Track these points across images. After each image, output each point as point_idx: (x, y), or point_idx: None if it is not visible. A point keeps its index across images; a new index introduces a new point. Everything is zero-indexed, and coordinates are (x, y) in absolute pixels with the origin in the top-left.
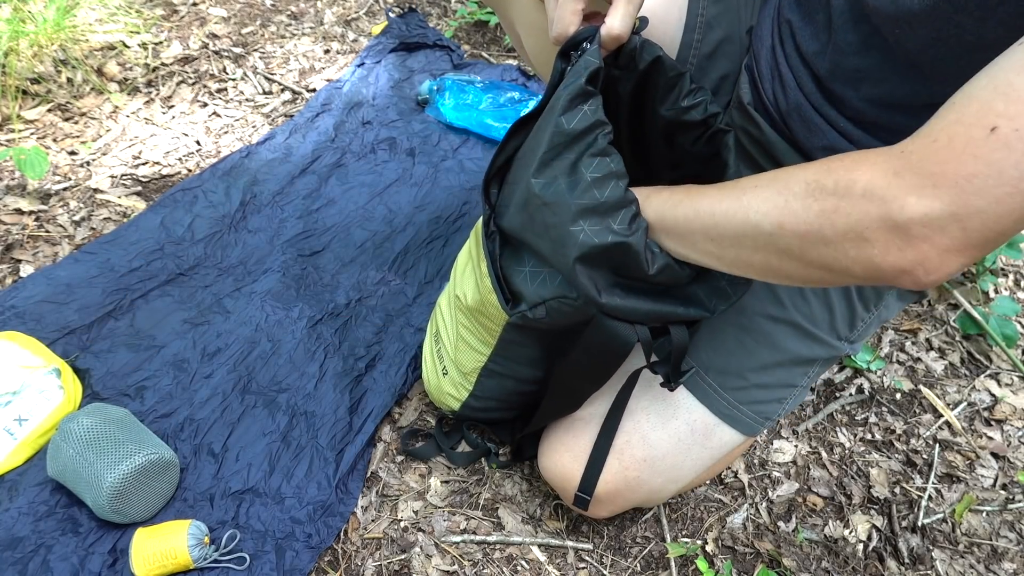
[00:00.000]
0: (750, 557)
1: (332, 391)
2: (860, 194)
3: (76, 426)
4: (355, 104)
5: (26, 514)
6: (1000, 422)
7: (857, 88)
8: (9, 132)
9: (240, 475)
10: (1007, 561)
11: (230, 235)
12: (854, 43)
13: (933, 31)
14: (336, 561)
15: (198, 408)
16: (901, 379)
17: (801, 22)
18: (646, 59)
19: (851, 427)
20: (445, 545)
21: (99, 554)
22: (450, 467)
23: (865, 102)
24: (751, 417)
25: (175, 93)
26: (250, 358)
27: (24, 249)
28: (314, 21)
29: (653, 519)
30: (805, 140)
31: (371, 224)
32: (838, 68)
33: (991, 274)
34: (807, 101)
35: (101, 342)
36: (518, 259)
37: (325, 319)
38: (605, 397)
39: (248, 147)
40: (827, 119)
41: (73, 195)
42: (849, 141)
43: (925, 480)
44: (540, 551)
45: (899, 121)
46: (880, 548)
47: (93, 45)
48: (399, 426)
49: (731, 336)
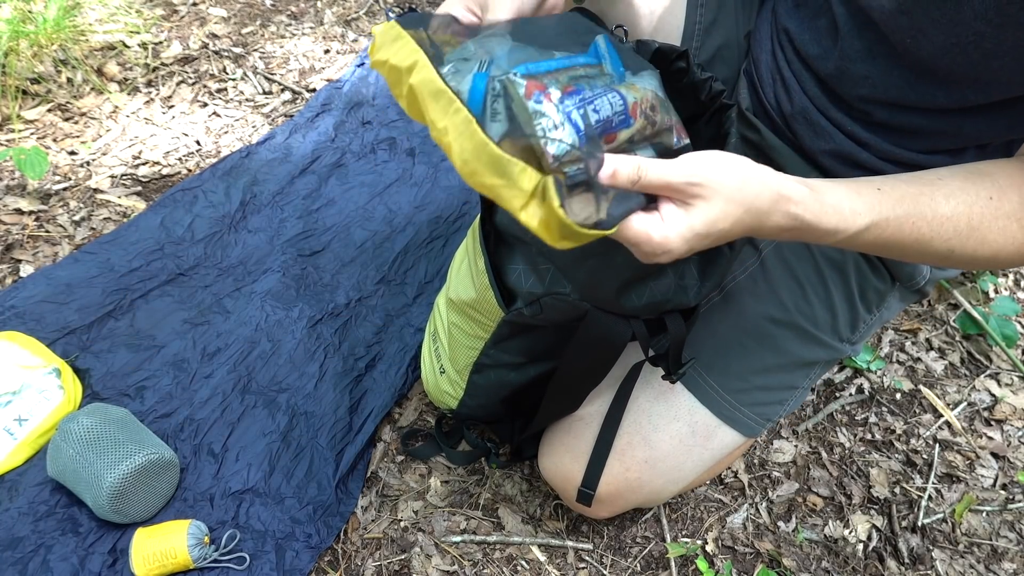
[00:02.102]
0: (750, 557)
1: (332, 391)
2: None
3: (76, 426)
4: (355, 104)
5: (26, 514)
6: (1000, 422)
7: (865, 92)
8: (9, 132)
9: (240, 475)
10: (1007, 561)
11: (230, 235)
12: (860, 49)
13: (953, 37)
14: (336, 561)
15: (198, 408)
16: (901, 379)
17: (800, 27)
18: (645, 56)
19: (851, 427)
20: (445, 545)
21: (99, 554)
22: (450, 467)
23: (874, 105)
24: (752, 418)
25: (175, 93)
26: (250, 358)
27: (24, 249)
28: (314, 21)
29: (653, 519)
30: (810, 144)
31: (371, 224)
32: (844, 73)
33: (991, 274)
34: (812, 105)
35: (101, 342)
36: (511, 257)
37: (325, 319)
38: (604, 396)
39: (248, 147)
40: (834, 122)
41: (73, 195)
42: (857, 143)
43: (925, 480)
44: (540, 551)
45: (910, 122)
46: (880, 548)
47: (93, 45)
48: (399, 426)
49: (733, 338)
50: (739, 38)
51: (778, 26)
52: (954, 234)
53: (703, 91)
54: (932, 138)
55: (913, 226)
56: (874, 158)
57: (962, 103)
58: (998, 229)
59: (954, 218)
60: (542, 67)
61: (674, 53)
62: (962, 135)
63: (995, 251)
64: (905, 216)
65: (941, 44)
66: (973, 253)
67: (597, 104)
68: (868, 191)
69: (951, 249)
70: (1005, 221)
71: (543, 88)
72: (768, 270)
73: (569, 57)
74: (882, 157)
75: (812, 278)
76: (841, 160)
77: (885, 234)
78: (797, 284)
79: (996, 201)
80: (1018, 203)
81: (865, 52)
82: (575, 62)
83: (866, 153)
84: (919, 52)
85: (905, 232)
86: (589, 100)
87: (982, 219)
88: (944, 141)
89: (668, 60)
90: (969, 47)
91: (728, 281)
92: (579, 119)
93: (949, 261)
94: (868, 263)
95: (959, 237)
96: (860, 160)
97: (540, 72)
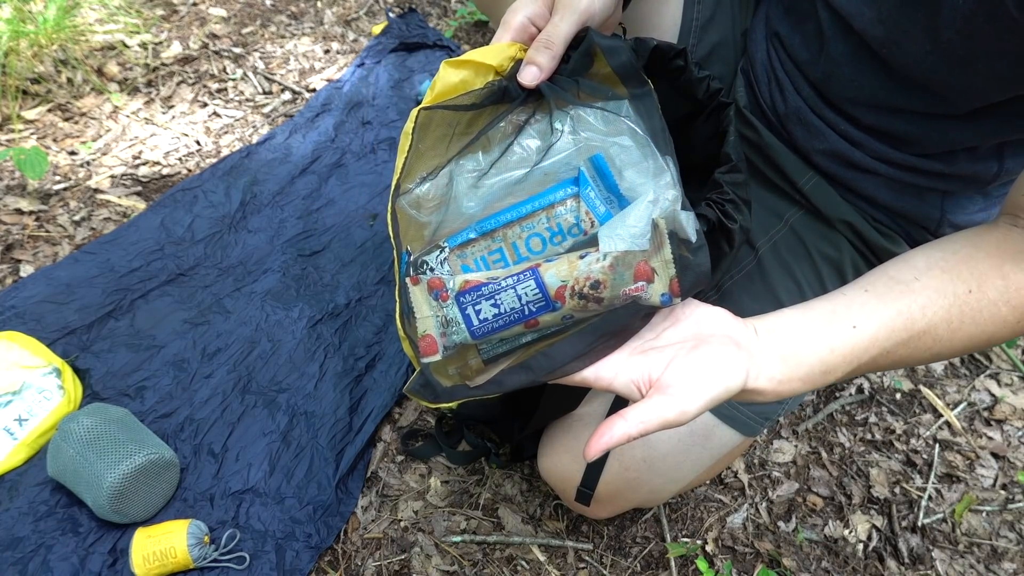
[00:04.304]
0: (750, 557)
1: (332, 391)
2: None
3: (76, 426)
4: (355, 104)
5: (26, 514)
6: (1000, 422)
7: (853, 94)
8: (9, 132)
9: (240, 475)
10: (1007, 561)
11: (230, 235)
12: (846, 53)
13: (927, 45)
14: (336, 561)
15: (198, 408)
16: (901, 379)
17: (790, 31)
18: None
19: (851, 427)
20: (445, 545)
21: (99, 554)
22: (450, 467)
23: (862, 108)
24: (751, 417)
25: (175, 93)
26: (250, 358)
27: (24, 249)
28: (314, 21)
29: (653, 519)
30: (805, 143)
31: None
32: (832, 77)
33: None
34: (806, 105)
35: (101, 342)
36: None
37: (325, 319)
38: (604, 396)
39: (248, 147)
40: (827, 122)
41: (73, 195)
42: (851, 143)
43: (925, 480)
44: (540, 551)
45: (896, 127)
46: (880, 548)
47: (93, 45)
48: (399, 426)
49: None
50: (736, 36)
51: (771, 29)
52: (934, 343)
53: (701, 89)
54: (920, 143)
55: (889, 355)
56: (867, 158)
57: (946, 110)
58: (985, 319)
59: (931, 330)
60: (487, 225)
61: (672, 51)
62: (948, 140)
63: (988, 336)
64: (880, 353)
65: (916, 53)
66: (964, 346)
67: (499, 299)
68: (841, 338)
69: (937, 354)
70: (992, 308)
71: (441, 286)
72: (765, 269)
73: (536, 197)
74: (875, 157)
75: (809, 277)
76: (835, 159)
77: (861, 370)
78: (794, 283)
79: (976, 293)
80: (1002, 286)
81: (851, 55)
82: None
83: (859, 152)
84: (899, 60)
85: (881, 364)
86: (489, 296)
87: (962, 318)
88: (932, 145)
89: (666, 58)
90: (943, 56)
91: (725, 280)
92: (473, 315)
93: (940, 359)
94: (865, 262)
95: (940, 344)
96: (854, 160)
97: (477, 235)
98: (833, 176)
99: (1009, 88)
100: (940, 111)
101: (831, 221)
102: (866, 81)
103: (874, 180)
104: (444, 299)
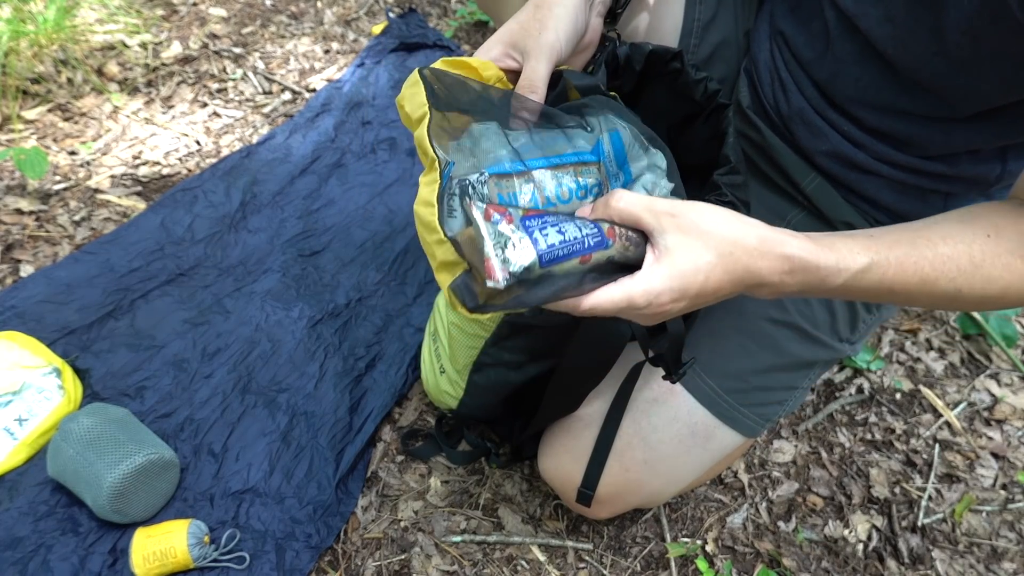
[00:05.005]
0: (750, 557)
1: (332, 391)
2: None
3: (76, 426)
4: (355, 104)
5: (26, 514)
6: (1000, 422)
7: (857, 95)
8: (9, 132)
9: (240, 475)
10: (1007, 561)
11: (230, 235)
12: (852, 52)
13: (933, 46)
14: (336, 561)
15: (198, 408)
16: (901, 379)
17: (795, 30)
18: (639, 59)
19: (851, 427)
20: (445, 545)
21: (99, 554)
22: (450, 467)
23: (866, 109)
24: (751, 419)
25: (175, 93)
26: (250, 358)
27: (24, 249)
28: (314, 21)
29: (653, 519)
30: (808, 144)
31: (371, 224)
32: (837, 76)
33: None
34: (809, 105)
35: (101, 342)
36: None
37: (325, 319)
38: (604, 396)
39: (248, 147)
40: (830, 123)
41: (73, 195)
42: (854, 145)
43: (925, 480)
44: (540, 551)
45: (901, 129)
46: (880, 548)
47: (93, 45)
48: (399, 426)
49: (732, 339)
50: (738, 36)
51: (775, 28)
52: (958, 272)
53: (699, 91)
54: (923, 145)
55: (915, 265)
56: (870, 159)
57: (950, 113)
58: (1002, 266)
59: (955, 257)
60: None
61: (668, 54)
62: (951, 142)
63: (1003, 288)
64: (905, 256)
65: (922, 53)
66: (983, 292)
67: (563, 227)
68: (859, 235)
69: (958, 288)
70: (1008, 258)
71: (503, 211)
72: None
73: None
74: (878, 158)
75: None
76: (838, 161)
77: (888, 275)
78: None
79: (995, 239)
80: (1017, 240)
81: (856, 55)
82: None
83: (862, 154)
84: (904, 60)
85: (908, 272)
86: (554, 223)
87: (983, 257)
88: (935, 148)
89: (663, 61)
90: (949, 57)
91: None
92: (540, 238)
93: (959, 303)
94: None
95: (964, 275)
96: (857, 161)
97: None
98: (835, 177)
99: (1013, 91)
100: (944, 114)
101: (833, 222)
102: (871, 81)
103: (877, 182)
104: (509, 221)
